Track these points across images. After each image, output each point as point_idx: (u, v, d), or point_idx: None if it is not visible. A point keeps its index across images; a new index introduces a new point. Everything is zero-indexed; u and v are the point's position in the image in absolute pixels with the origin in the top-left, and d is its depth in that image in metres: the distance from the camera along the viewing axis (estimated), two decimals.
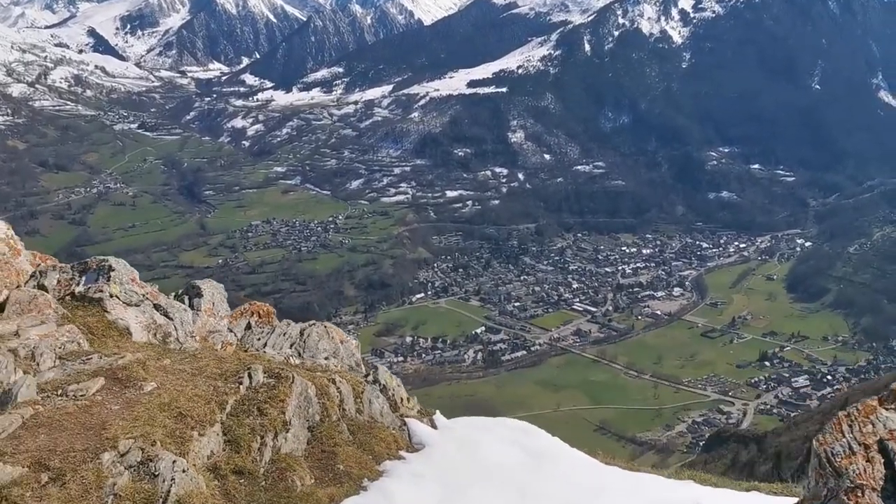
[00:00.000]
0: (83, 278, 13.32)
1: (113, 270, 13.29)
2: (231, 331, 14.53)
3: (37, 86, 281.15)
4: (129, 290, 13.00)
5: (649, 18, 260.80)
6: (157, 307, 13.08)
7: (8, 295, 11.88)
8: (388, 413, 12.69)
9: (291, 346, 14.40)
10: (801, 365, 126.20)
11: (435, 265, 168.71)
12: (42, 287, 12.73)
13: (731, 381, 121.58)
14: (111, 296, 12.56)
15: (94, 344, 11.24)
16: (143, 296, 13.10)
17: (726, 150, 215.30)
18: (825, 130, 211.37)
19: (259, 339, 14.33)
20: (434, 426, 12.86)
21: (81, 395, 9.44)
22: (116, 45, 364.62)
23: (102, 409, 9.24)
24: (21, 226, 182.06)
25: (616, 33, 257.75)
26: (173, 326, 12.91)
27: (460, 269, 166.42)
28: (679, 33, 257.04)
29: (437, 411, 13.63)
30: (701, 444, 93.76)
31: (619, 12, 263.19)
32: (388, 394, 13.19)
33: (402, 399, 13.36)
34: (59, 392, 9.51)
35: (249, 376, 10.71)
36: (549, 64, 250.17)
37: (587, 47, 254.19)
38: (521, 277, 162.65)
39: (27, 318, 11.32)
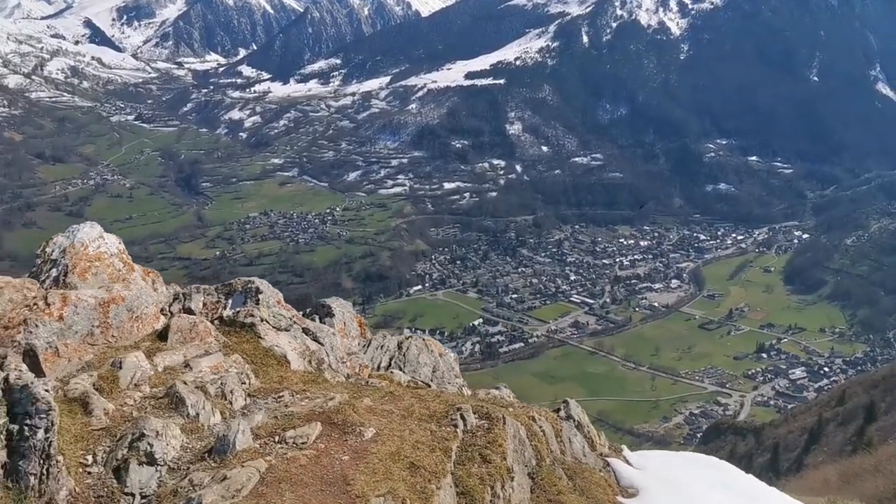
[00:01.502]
0: (229, 301, 12.70)
1: (261, 293, 12.69)
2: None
3: (33, 77, 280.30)
4: (278, 314, 12.36)
5: (647, 10, 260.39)
6: (305, 331, 12.39)
7: (168, 322, 11.27)
8: (589, 453, 12.04)
9: (391, 360, 13.73)
10: (798, 357, 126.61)
11: (433, 257, 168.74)
12: (188, 311, 12.12)
13: (728, 373, 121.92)
14: (262, 320, 11.90)
15: (259, 375, 10.70)
16: (291, 319, 12.44)
17: (724, 143, 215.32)
18: (823, 123, 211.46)
19: (363, 354, 13.62)
20: (628, 464, 12.34)
21: (303, 444, 8.72)
22: (113, 36, 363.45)
23: (333, 460, 8.52)
24: (18, 218, 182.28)
25: (614, 25, 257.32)
26: (324, 352, 12.25)
27: (458, 262, 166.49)
28: (677, 25, 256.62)
29: (624, 446, 13.14)
30: (698, 435, 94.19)
31: (616, 3, 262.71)
32: (584, 431, 12.55)
33: (596, 435, 12.75)
34: (277, 439, 8.75)
35: (462, 418, 9.94)
36: (547, 56, 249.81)
37: (585, 39, 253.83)
38: (519, 269, 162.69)
39: (191, 348, 10.79)
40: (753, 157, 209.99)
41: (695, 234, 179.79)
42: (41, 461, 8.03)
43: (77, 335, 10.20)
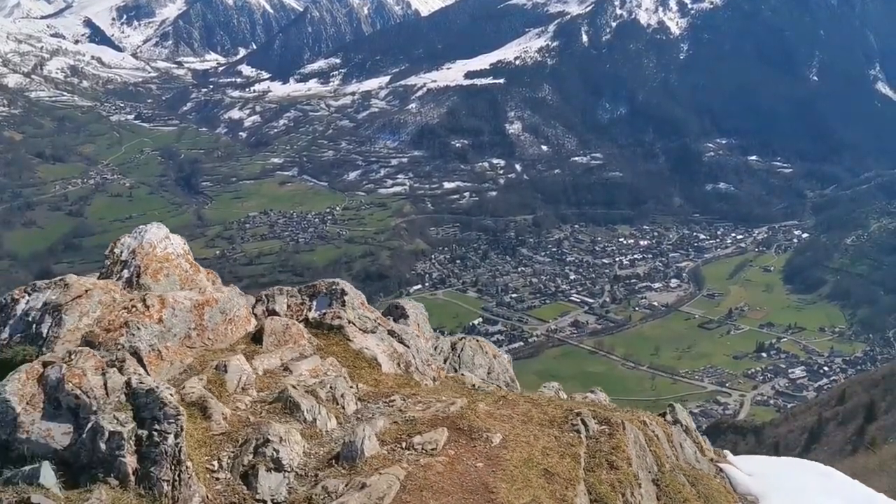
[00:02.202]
0: (314, 303, 12.56)
1: (346, 294, 12.56)
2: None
3: (33, 76, 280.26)
4: (363, 316, 12.25)
5: (647, 9, 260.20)
6: (391, 333, 12.27)
7: (261, 324, 11.17)
8: (701, 458, 11.80)
9: (445, 361, 13.48)
10: (798, 356, 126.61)
11: (432, 257, 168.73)
12: (273, 312, 12.00)
13: (728, 372, 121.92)
14: (349, 322, 11.81)
15: (353, 378, 10.61)
16: (376, 321, 12.33)
17: (724, 142, 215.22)
18: (823, 122, 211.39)
19: None
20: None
21: (433, 450, 8.57)
22: (113, 35, 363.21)
23: (468, 468, 8.34)
24: (18, 217, 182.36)
25: (614, 24, 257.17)
26: (411, 354, 12.11)
27: (458, 261, 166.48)
28: (677, 24, 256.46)
29: (727, 452, 12.94)
30: None
31: (616, 3, 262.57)
32: (692, 435, 12.31)
33: (702, 440, 12.54)
34: (404, 445, 8.63)
35: (584, 423, 9.80)
36: (547, 55, 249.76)
37: (585, 38, 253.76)
38: (519, 269, 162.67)
39: (286, 351, 10.67)
40: (753, 157, 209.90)
41: (694, 234, 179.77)
42: (172, 467, 7.96)
43: (175, 338, 10.17)
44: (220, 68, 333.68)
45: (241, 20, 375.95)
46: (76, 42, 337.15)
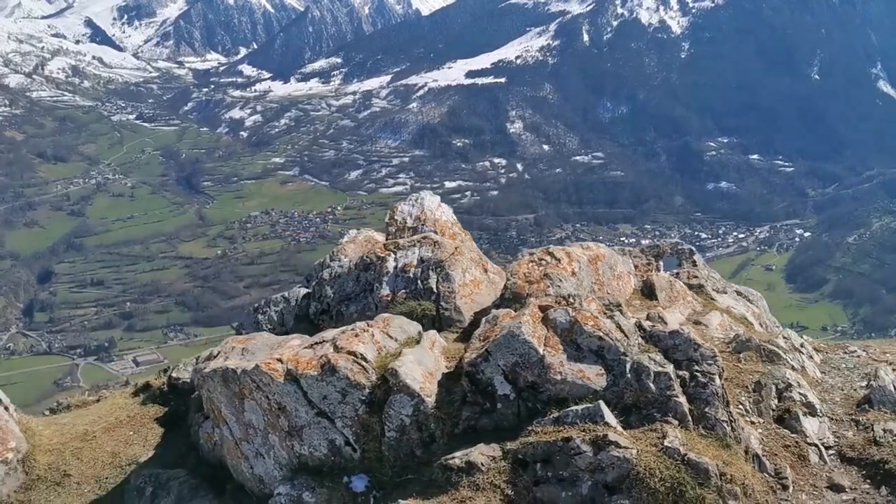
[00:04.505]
0: (660, 263, 12.82)
1: (694, 254, 12.91)
2: None
3: (34, 76, 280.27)
4: (712, 276, 12.48)
5: (648, 8, 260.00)
6: (738, 293, 12.49)
7: (649, 280, 11.35)
8: None
9: None
10: None
11: None
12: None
13: None
14: (707, 280, 11.98)
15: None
16: (722, 281, 12.54)
17: (725, 141, 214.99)
18: (824, 121, 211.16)
19: None
20: None
21: None
22: (114, 35, 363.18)
23: None
24: (19, 217, 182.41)
25: (615, 23, 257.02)
26: (762, 314, 12.29)
27: None
28: (678, 23, 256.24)
29: None
30: None
31: (617, 2, 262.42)
32: None
33: None
34: None
35: None
36: (548, 54, 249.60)
37: (586, 37, 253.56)
38: None
39: (682, 306, 10.77)
40: (755, 156, 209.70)
41: (696, 233, 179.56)
42: (724, 408, 8.03)
43: (585, 290, 10.37)
44: (221, 68, 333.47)
45: (242, 20, 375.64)
46: (77, 42, 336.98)
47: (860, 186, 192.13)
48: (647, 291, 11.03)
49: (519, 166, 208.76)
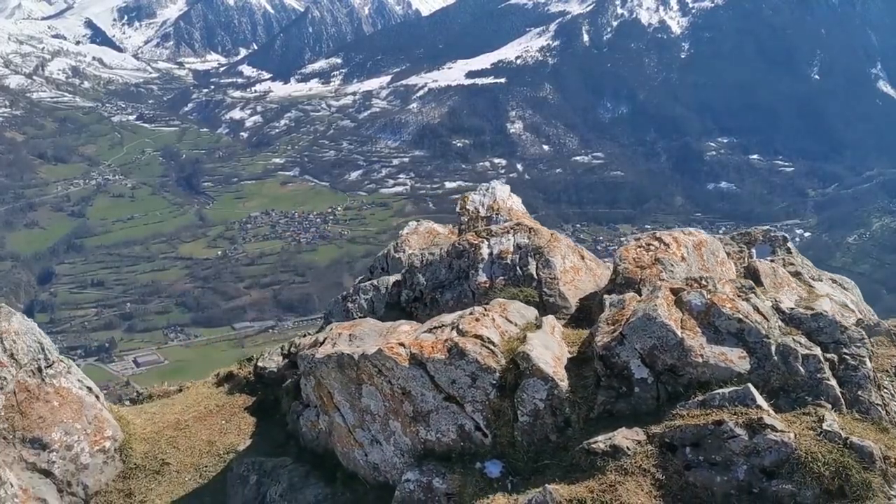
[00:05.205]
0: (752, 250, 12.93)
1: (788, 241, 13.07)
2: None
3: (34, 77, 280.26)
4: (806, 264, 12.51)
5: (648, 9, 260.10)
6: (833, 281, 12.59)
7: (752, 266, 11.42)
8: None
9: None
10: None
11: None
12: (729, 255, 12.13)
13: None
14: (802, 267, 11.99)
15: None
16: (816, 269, 12.66)
17: (725, 141, 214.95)
18: (824, 121, 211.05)
19: None
20: None
21: None
22: (114, 36, 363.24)
23: None
24: (20, 218, 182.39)
25: (615, 23, 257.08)
26: (862, 304, 12.31)
27: None
28: (678, 23, 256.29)
29: None
30: None
31: (617, 2, 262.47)
32: None
33: None
34: None
35: None
36: (548, 54, 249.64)
37: (585, 37, 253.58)
38: None
39: (787, 292, 10.77)
40: (755, 156, 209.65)
41: None
42: (877, 391, 8.07)
43: (694, 275, 10.35)
44: (221, 68, 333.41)
45: (242, 20, 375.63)
46: (77, 43, 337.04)
47: (860, 186, 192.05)
48: (752, 277, 10.99)
49: (519, 166, 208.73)
